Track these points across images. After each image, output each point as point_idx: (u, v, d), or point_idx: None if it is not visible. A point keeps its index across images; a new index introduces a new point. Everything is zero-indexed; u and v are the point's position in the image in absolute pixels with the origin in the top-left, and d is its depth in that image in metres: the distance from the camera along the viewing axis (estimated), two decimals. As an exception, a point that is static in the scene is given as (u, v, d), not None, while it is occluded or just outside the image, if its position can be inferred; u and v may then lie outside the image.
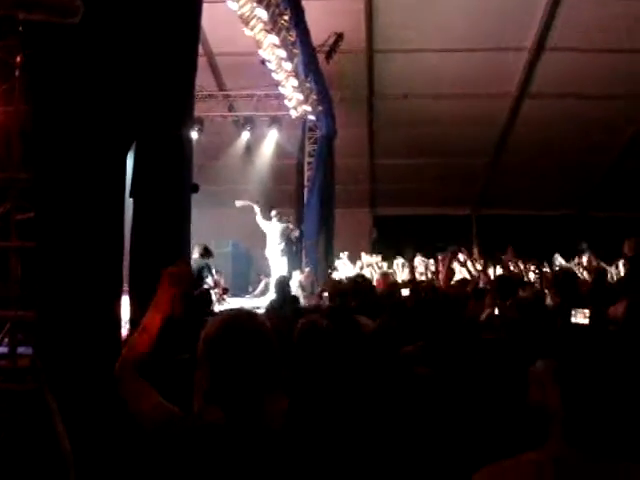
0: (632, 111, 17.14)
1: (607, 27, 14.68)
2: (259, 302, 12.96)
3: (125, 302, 5.10)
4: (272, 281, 13.76)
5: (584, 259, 13.62)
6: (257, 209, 14.78)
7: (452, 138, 18.29)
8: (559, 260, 14.63)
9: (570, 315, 4.42)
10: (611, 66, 15.72)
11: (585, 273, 11.79)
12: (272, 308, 8.09)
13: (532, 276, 10.14)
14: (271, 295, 11.72)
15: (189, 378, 2.26)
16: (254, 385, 2.11)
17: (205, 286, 12.44)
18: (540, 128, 18.05)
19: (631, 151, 19.25)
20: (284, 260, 14.76)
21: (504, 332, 4.44)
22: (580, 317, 4.35)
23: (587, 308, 4.42)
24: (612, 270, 12.41)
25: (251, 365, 2.10)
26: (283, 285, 9.66)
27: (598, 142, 18.62)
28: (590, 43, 15.27)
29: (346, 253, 15.35)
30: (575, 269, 12.11)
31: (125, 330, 5.10)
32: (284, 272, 13.39)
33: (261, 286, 16.41)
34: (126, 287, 5.29)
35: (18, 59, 4.78)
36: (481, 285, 7.74)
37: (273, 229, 14.81)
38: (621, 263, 11.54)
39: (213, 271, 13.70)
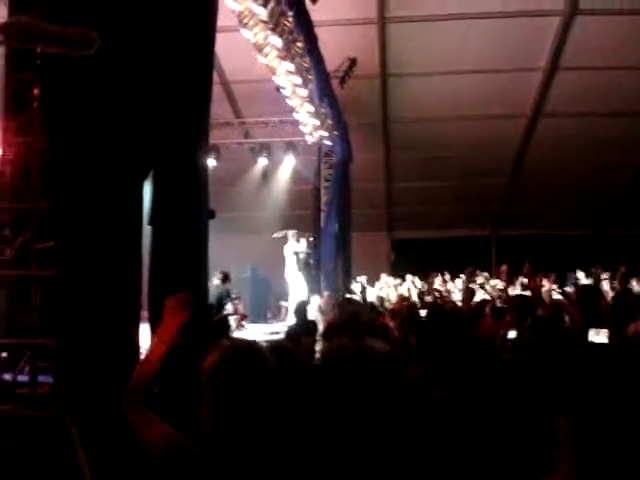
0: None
1: (626, 44, 14.63)
2: (278, 327, 12.99)
3: (145, 329, 5.12)
4: (291, 305, 13.88)
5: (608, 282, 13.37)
6: (290, 236, 15.07)
7: (468, 160, 18.25)
8: (580, 277, 14.46)
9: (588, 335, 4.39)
10: (630, 83, 15.66)
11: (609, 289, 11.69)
12: (291, 334, 8.10)
13: (555, 295, 10.01)
14: (290, 320, 11.76)
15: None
16: (254, 414, 2.17)
17: (224, 312, 12.54)
18: (556, 148, 17.99)
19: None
20: (300, 278, 14.90)
21: (522, 353, 4.42)
22: (599, 337, 4.33)
23: (606, 328, 4.40)
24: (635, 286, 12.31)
25: (250, 394, 2.18)
26: (302, 310, 9.69)
27: (614, 161, 18.50)
28: (606, 61, 15.21)
29: (364, 277, 15.39)
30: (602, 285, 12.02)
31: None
32: (303, 296, 13.43)
33: (281, 311, 16.50)
34: (146, 314, 5.33)
35: (36, 91, 4.88)
36: (499, 304, 7.70)
37: (290, 249, 15.11)
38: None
39: (232, 297, 13.79)
